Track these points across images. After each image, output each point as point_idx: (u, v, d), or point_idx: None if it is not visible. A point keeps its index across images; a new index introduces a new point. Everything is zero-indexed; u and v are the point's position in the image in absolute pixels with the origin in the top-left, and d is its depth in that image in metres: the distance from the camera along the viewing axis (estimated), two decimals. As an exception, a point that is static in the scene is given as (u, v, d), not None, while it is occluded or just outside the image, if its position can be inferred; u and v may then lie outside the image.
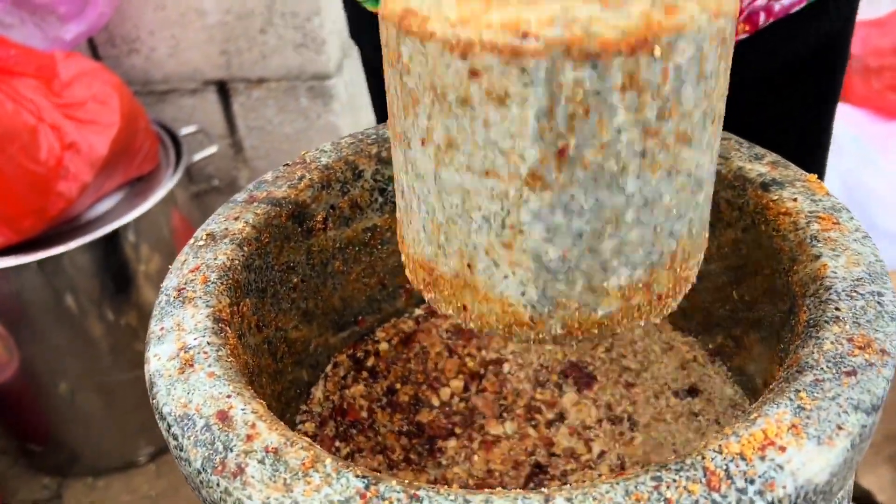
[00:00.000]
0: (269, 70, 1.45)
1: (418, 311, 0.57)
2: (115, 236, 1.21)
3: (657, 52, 0.24)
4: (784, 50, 0.52)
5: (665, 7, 0.24)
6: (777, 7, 0.49)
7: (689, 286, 0.32)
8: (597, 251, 0.28)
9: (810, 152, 0.61)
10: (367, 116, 1.61)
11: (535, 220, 0.28)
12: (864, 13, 1.59)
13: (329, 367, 0.52)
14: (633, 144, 0.26)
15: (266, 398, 0.42)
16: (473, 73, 0.26)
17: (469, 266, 0.30)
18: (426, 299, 0.34)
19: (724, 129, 0.47)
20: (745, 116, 0.54)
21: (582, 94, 0.25)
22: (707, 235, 0.33)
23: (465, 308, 0.32)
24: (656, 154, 0.26)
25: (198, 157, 1.36)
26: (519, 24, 0.24)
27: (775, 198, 0.41)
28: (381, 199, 0.51)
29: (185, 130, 1.36)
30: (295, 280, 0.48)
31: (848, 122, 1.40)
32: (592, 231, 0.28)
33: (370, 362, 0.53)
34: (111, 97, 1.18)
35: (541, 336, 0.30)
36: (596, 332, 0.30)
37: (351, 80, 1.54)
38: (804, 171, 0.42)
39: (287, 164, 0.48)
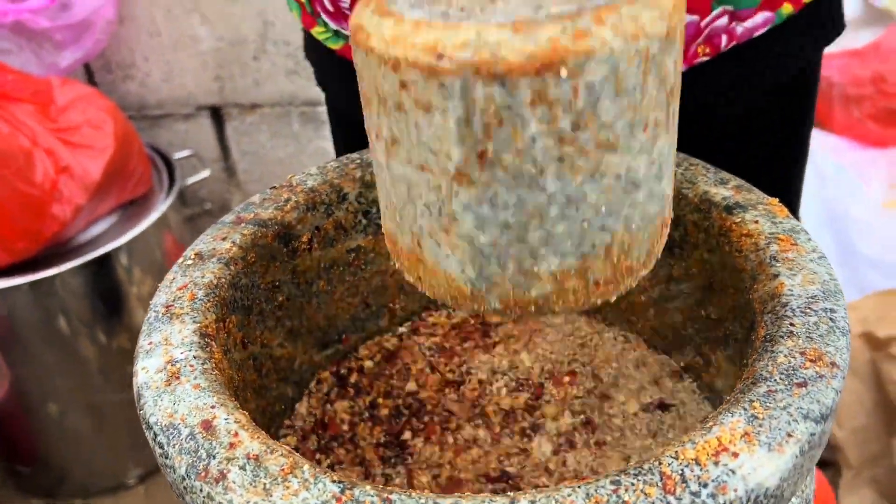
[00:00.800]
0: (263, 96, 1.48)
1: (402, 330, 0.58)
2: (107, 259, 1.22)
3: (563, 73, 0.27)
4: (754, 76, 0.54)
5: (575, 32, 0.27)
6: (740, 30, 0.51)
7: (638, 277, 0.34)
8: (524, 240, 0.31)
9: (785, 178, 0.63)
10: (359, 142, 1.63)
11: (465, 210, 0.31)
12: (845, 44, 1.63)
13: (313, 384, 0.54)
14: (550, 150, 0.29)
15: (251, 413, 0.43)
16: (403, 85, 0.29)
17: (419, 244, 0.34)
18: (395, 266, 0.37)
19: (696, 155, 0.50)
20: (719, 142, 0.56)
21: (494, 107, 0.28)
22: (663, 234, 0.35)
23: (419, 279, 0.35)
24: (575, 159, 0.29)
25: (191, 180, 1.38)
26: (436, 47, 0.28)
27: (738, 220, 0.43)
28: (364, 221, 0.52)
29: (178, 155, 1.38)
30: (280, 298, 0.49)
31: (830, 149, 1.43)
32: (518, 223, 0.31)
33: (353, 378, 0.54)
34: (105, 122, 1.20)
35: (483, 308, 0.33)
36: (532, 309, 0.33)
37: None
38: (766, 195, 0.44)
39: (274, 187, 0.50)
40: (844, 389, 1.15)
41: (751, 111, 0.58)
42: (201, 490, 0.31)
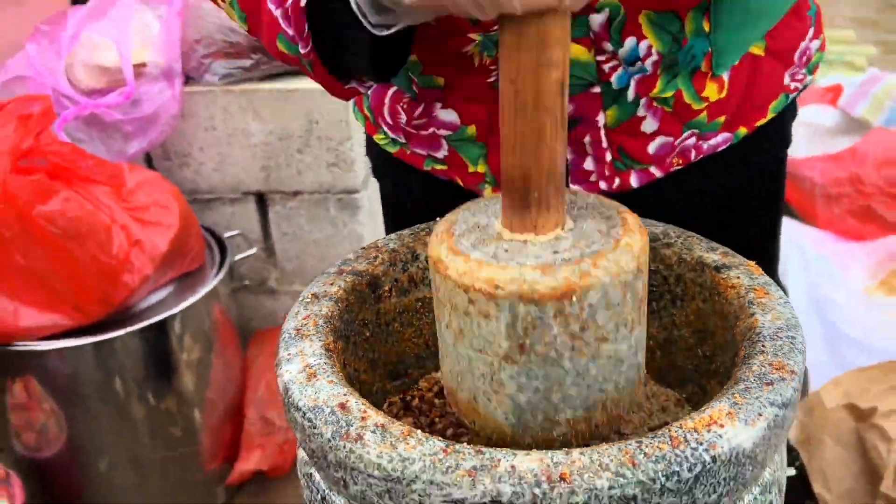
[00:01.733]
0: (304, 184, 1.65)
1: (454, 370, 0.71)
2: (163, 325, 1.36)
3: (574, 298, 0.44)
4: (718, 179, 0.70)
5: (580, 273, 0.44)
6: (705, 146, 0.67)
7: (626, 420, 0.51)
8: (549, 399, 0.47)
9: (762, 247, 0.77)
10: (388, 227, 1.79)
11: (509, 379, 0.47)
12: (826, 149, 1.81)
13: (385, 406, 0.66)
14: (565, 343, 0.46)
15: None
16: (471, 301, 0.46)
17: (475, 399, 0.50)
18: (453, 411, 0.51)
19: (690, 230, 0.64)
20: (706, 221, 0.71)
21: (530, 318, 0.45)
22: (640, 388, 0.51)
23: (473, 422, 0.51)
24: (582, 348, 0.46)
25: (238, 257, 1.52)
26: (494, 280, 0.45)
27: (725, 276, 0.57)
28: (428, 280, 0.66)
29: (228, 234, 1.54)
30: (367, 334, 0.63)
31: (813, 242, 1.58)
32: (545, 388, 0.47)
33: (416, 403, 0.67)
34: (171, 203, 1.36)
35: (518, 443, 0.49)
36: (555, 445, 0.48)
37: (374, 194, 1.73)
38: (745, 259, 0.59)
39: (364, 248, 0.64)
40: (832, 456, 1.26)
41: (725, 199, 0.73)
42: (345, 447, 0.43)
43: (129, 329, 1.31)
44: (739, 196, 0.73)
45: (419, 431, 0.44)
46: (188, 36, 1.55)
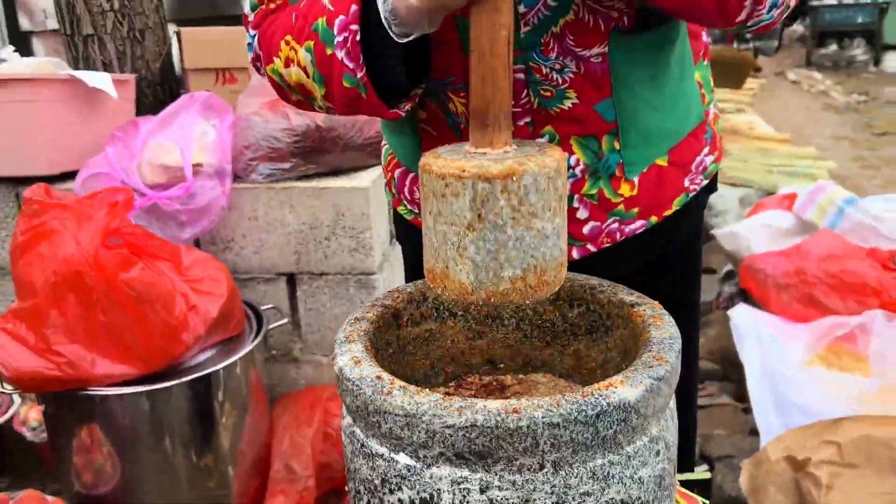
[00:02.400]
0: (329, 267, 1.93)
1: (451, 384, 0.96)
2: (208, 379, 1.61)
3: (514, 178, 0.69)
4: (638, 253, 0.97)
5: (519, 163, 0.70)
6: (626, 230, 0.95)
7: (553, 289, 0.74)
8: (497, 259, 0.72)
9: (683, 300, 1.03)
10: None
11: (470, 244, 0.72)
12: (782, 246, 2.09)
13: (402, 408, 0.91)
14: (508, 214, 0.70)
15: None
16: (446, 185, 0.71)
17: (446, 266, 0.74)
18: (430, 286, 0.76)
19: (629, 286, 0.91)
20: (639, 281, 0.97)
21: (485, 193, 0.70)
22: (562, 264, 0.75)
23: (444, 287, 0.75)
24: (519, 219, 0.71)
25: (272, 326, 1.78)
26: (462, 167, 0.70)
27: (636, 310, 0.83)
28: (435, 314, 0.93)
29: (264, 307, 1.81)
30: (390, 351, 0.89)
31: (766, 323, 1.84)
32: (494, 249, 0.71)
33: (425, 407, 0.92)
34: (221, 277, 1.63)
35: (473, 299, 0.73)
36: (500, 300, 0.72)
37: (388, 276, 2.01)
38: (652, 300, 0.85)
39: (390, 291, 0.91)
40: (774, 502, 1.48)
41: (649, 268, 1.00)
42: (380, 398, 0.69)
43: (180, 381, 1.56)
44: (659, 267, 1.00)
45: (426, 389, 0.70)
46: (238, 143, 1.87)
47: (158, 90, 2.44)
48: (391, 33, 0.77)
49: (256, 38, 0.93)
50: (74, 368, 1.44)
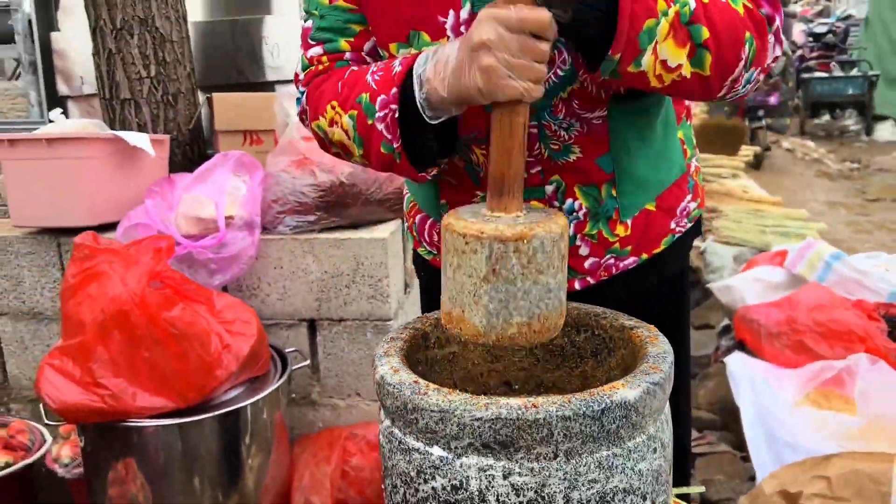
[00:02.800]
0: (348, 313, 2.05)
1: (472, 404, 1.08)
2: (236, 414, 1.71)
3: (525, 241, 0.83)
4: (632, 285, 1.10)
5: (529, 228, 0.84)
6: (621, 265, 1.09)
7: (553, 334, 0.88)
8: (507, 308, 0.86)
9: (675, 322, 1.16)
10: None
11: (484, 294, 0.85)
12: (769, 298, 2.21)
13: (429, 421, 1.03)
14: (519, 270, 0.84)
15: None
16: (466, 243, 0.85)
17: (462, 311, 0.88)
18: (446, 327, 0.89)
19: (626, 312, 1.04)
20: (635, 308, 1.10)
21: (500, 251, 0.84)
22: (561, 313, 0.88)
23: (459, 329, 0.88)
24: (528, 275, 0.85)
25: (295, 367, 1.90)
26: (481, 229, 0.85)
27: (634, 332, 0.96)
28: (458, 339, 1.05)
29: (289, 349, 1.93)
30: (420, 368, 1.01)
31: (760, 370, 1.95)
32: (506, 300, 0.85)
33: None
34: (251, 320, 1.76)
35: (484, 341, 0.86)
36: (508, 343, 0.85)
37: (404, 321, 2.13)
38: (649, 325, 0.98)
39: (418, 318, 1.04)
40: (769, 531, 1.57)
41: (642, 299, 1.12)
42: (418, 398, 0.81)
43: (211, 415, 1.67)
44: (651, 296, 1.13)
45: (456, 390, 0.82)
46: (267, 197, 2.02)
47: (188, 150, 2.61)
48: (424, 115, 0.92)
49: (305, 95, 1.08)
50: (117, 400, 1.55)
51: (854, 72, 9.26)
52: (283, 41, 2.97)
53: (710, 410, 2.67)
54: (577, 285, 1.11)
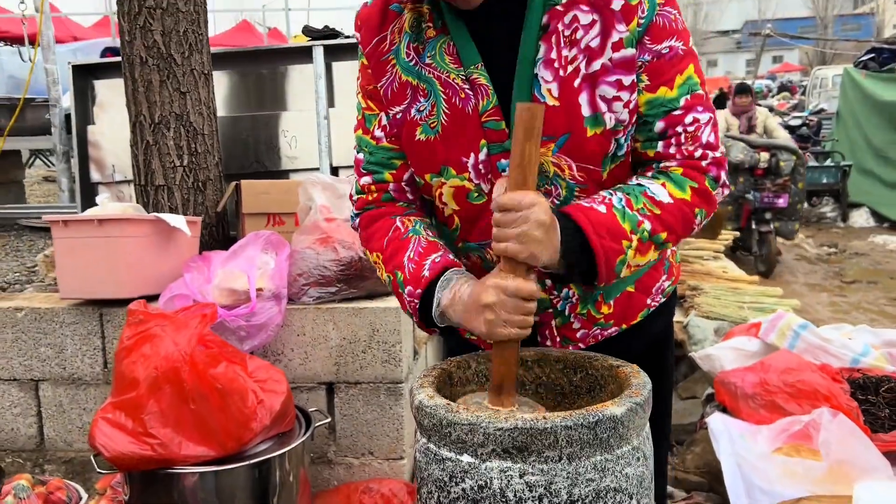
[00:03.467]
0: (363, 376, 2.27)
1: (487, 435, 1.29)
2: (267, 464, 1.90)
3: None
4: (620, 352, 1.30)
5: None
6: (605, 334, 1.32)
7: None
8: None
9: (659, 415, 1.36)
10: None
11: None
12: (745, 364, 2.44)
13: (453, 447, 1.24)
14: None
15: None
16: None
17: None
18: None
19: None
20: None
21: None
22: None
23: None
24: None
25: (317, 424, 2.10)
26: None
27: (621, 370, 1.19)
28: (476, 378, 1.28)
29: (311, 408, 2.13)
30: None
31: (737, 427, 2.16)
32: None
33: (469, 447, 1.25)
34: (280, 379, 1.97)
35: None
36: None
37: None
38: (631, 363, 1.21)
39: (446, 360, 1.27)
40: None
41: (625, 357, 1.34)
42: (451, 415, 1.03)
43: (245, 463, 1.85)
44: (632, 357, 1.32)
45: (484, 409, 1.04)
46: (293, 271, 2.27)
47: (213, 230, 2.87)
48: (434, 317, 1.21)
49: (358, 221, 1.35)
50: (165, 449, 1.74)
51: (828, 162, 9.73)
52: (302, 134, 3.28)
53: (697, 473, 2.85)
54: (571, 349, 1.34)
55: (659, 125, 1.19)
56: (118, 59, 3.72)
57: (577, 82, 1.15)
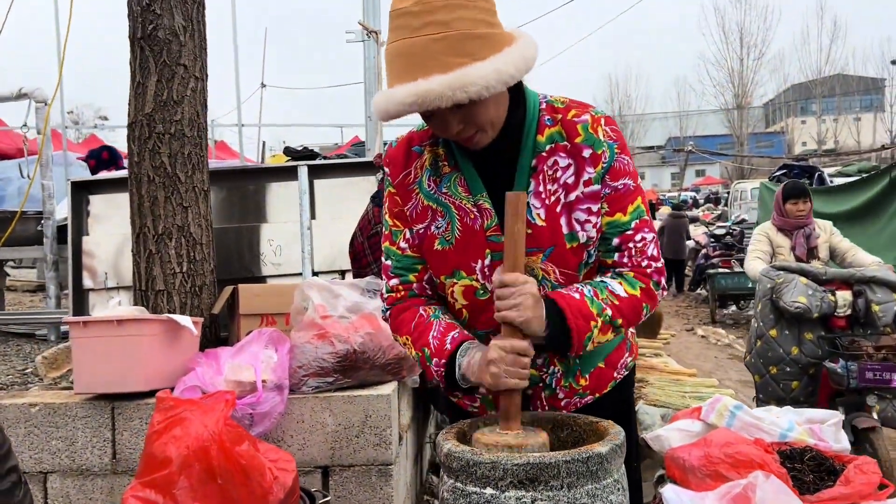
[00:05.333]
0: (356, 459, 2.51)
1: (492, 485, 1.59)
2: (278, 538, 2.11)
3: (522, 448, 1.38)
4: (593, 412, 1.64)
5: (524, 439, 1.42)
6: (582, 402, 1.66)
7: None
8: None
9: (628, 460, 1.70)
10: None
11: None
12: (688, 442, 2.77)
13: (467, 493, 1.53)
14: None
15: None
16: (488, 449, 1.42)
17: None
18: None
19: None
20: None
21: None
22: None
23: None
24: None
25: (320, 501, 2.32)
26: (497, 441, 1.41)
27: (600, 424, 1.52)
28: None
29: (312, 489, 2.36)
30: (461, 456, 1.52)
31: (686, 494, 2.48)
32: None
33: (480, 493, 1.54)
34: (290, 459, 2.22)
35: None
36: None
37: (402, 464, 2.59)
38: (607, 420, 1.53)
39: (460, 421, 1.57)
40: None
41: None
42: (477, 458, 1.34)
43: (261, 537, 2.07)
44: (604, 416, 1.67)
45: (501, 449, 1.35)
46: (294, 364, 2.54)
47: (207, 331, 3.12)
48: (459, 383, 1.54)
49: (389, 313, 1.67)
50: (193, 521, 1.95)
51: (751, 268, 10.47)
52: (286, 243, 3.61)
53: (653, 549, 3.12)
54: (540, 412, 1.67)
55: (615, 241, 1.58)
56: (112, 175, 4.03)
57: (558, 209, 1.53)
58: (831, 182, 11.53)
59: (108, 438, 2.57)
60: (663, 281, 1.61)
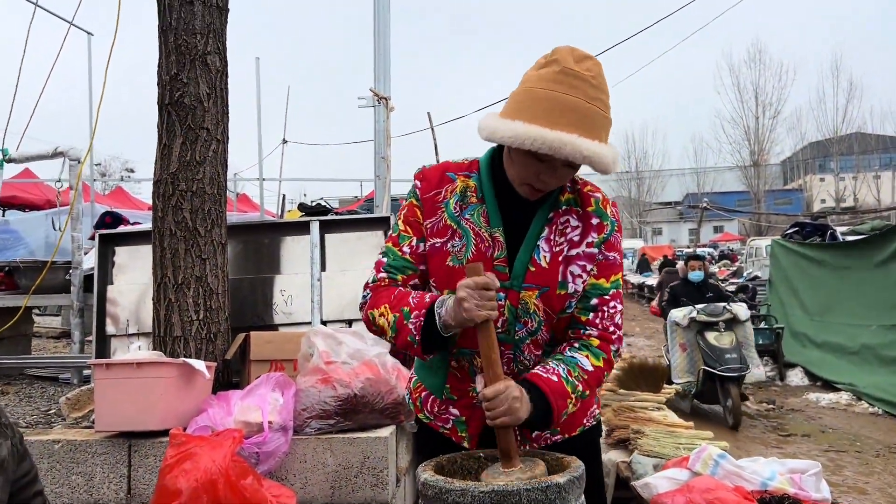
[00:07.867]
0: (355, 499, 2.67)
1: None
2: (278, 569, 2.27)
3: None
4: (563, 450, 1.81)
5: (526, 479, 1.57)
6: (552, 440, 1.83)
7: None
8: None
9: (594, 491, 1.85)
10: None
11: None
12: (674, 488, 2.90)
13: None
14: None
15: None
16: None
17: None
18: None
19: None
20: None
21: None
22: None
23: None
24: None
25: (319, 536, 2.48)
26: (501, 482, 1.61)
27: (564, 458, 1.68)
28: (461, 472, 1.75)
29: (313, 522, 2.51)
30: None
31: (669, 538, 2.60)
32: None
33: None
34: (291, 495, 2.39)
35: None
36: None
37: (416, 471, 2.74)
38: (574, 457, 1.70)
39: (436, 458, 1.74)
40: None
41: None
42: (448, 485, 1.51)
43: (261, 567, 2.22)
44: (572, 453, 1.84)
45: (471, 480, 1.52)
46: (298, 406, 2.72)
47: (220, 375, 3.32)
48: (440, 329, 1.72)
49: (369, 295, 1.85)
50: (199, 548, 2.12)
51: (762, 325, 10.53)
52: (297, 294, 3.82)
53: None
54: (527, 447, 1.84)
55: (594, 301, 1.80)
56: (136, 228, 4.28)
57: (560, 258, 1.76)
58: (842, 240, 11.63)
59: (124, 475, 2.75)
60: (621, 349, 1.84)
